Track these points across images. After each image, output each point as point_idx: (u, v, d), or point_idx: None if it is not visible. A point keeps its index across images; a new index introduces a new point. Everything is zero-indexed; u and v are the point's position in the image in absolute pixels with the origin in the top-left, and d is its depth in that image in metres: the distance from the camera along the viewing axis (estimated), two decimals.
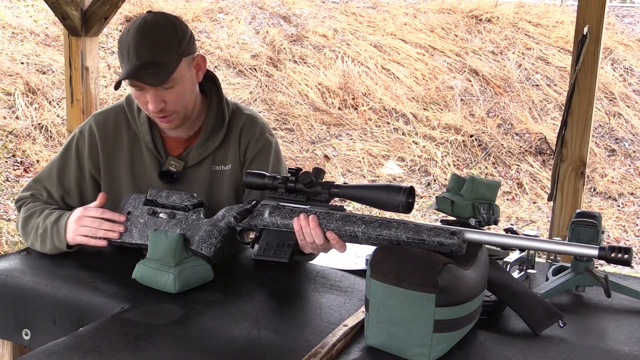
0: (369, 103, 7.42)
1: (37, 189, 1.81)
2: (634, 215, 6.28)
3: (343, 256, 1.82)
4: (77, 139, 1.80)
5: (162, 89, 1.61)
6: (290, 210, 1.46)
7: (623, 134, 7.60)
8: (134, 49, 1.57)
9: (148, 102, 1.61)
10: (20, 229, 1.78)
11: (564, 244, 1.24)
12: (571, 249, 1.22)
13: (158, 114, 1.64)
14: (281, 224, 1.47)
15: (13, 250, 4.26)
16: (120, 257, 1.75)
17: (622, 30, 9.33)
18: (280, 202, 1.49)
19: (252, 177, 1.51)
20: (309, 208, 1.45)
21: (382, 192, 1.35)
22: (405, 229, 1.32)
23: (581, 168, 2.65)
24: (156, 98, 1.60)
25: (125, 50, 1.59)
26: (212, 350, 1.25)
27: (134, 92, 1.64)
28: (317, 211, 1.43)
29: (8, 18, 7.12)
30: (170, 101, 1.63)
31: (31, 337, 1.57)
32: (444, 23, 8.94)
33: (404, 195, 1.33)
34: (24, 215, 1.77)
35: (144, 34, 1.58)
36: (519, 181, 6.74)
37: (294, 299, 1.50)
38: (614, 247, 1.16)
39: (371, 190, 1.38)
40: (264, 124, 1.84)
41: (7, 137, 5.69)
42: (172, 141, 1.77)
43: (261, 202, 1.50)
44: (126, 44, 1.59)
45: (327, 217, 1.41)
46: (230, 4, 8.50)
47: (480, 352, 1.27)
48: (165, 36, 1.60)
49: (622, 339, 1.34)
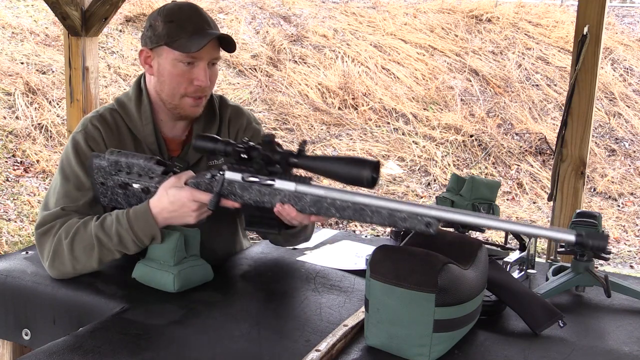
0: (369, 103, 7.42)
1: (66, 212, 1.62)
2: (634, 215, 6.28)
3: (343, 256, 1.82)
4: (75, 149, 1.68)
5: (210, 64, 1.66)
6: (258, 192, 1.41)
7: (623, 134, 7.60)
8: (205, 20, 1.64)
9: (195, 79, 1.63)
10: (69, 254, 1.56)
11: (540, 227, 1.20)
12: (547, 232, 1.18)
13: (202, 92, 1.67)
14: (255, 202, 1.43)
15: (13, 250, 4.26)
16: (120, 258, 1.74)
17: (622, 30, 9.33)
18: (244, 173, 1.43)
19: (202, 141, 1.45)
20: (276, 185, 1.39)
21: (346, 166, 1.28)
22: (380, 217, 1.28)
23: (581, 168, 2.65)
24: (207, 72, 1.65)
25: (190, 23, 1.62)
26: (212, 350, 1.25)
27: (180, 67, 1.63)
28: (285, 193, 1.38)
29: (8, 18, 7.12)
30: (212, 80, 1.68)
31: (31, 337, 1.57)
32: (444, 23, 8.94)
33: (369, 170, 1.26)
34: (67, 240, 1.56)
35: (202, 12, 1.66)
36: (519, 181, 6.74)
37: (294, 299, 1.50)
38: (591, 233, 1.13)
39: (334, 163, 1.30)
40: (249, 114, 1.87)
41: (7, 137, 5.69)
42: (171, 142, 1.77)
43: (226, 178, 1.44)
44: (188, 17, 1.63)
45: (298, 200, 1.37)
46: (230, 4, 8.50)
47: (480, 352, 1.27)
48: (212, 19, 1.69)
49: (622, 339, 1.34)
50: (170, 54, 1.62)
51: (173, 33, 1.61)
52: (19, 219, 4.85)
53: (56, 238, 1.57)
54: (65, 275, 1.59)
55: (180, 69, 1.63)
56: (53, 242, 1.57)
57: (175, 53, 1.61)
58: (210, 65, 1.66)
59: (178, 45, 1.60)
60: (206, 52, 1.62)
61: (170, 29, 1.62)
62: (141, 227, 1.52)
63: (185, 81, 1.64)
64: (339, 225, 5.64)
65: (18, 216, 4.88)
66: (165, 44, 1.62)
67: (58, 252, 1.57)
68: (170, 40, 1.61)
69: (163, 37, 1.62)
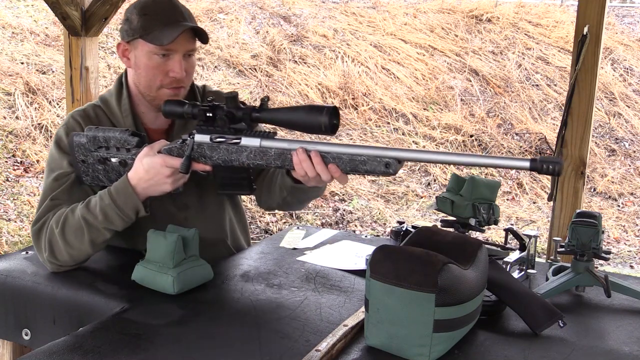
0: (369, 103, 7.42)
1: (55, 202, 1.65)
2: (634, 215, 6.28)
3: (343, 256, 1.82)
4: (58, 142, 1.73)
5: (186, 56, 1.68)
6: (226, 151, 1.47)
7: (623, 134, 7.60)
8: (179, 12, 1.66)
9: (171, 71, 1.66)
10: (62, 242, 1.58)
11: (495, 157, 1.27)
12: (502, 161, 1.29)
13: (178, 83, 1.69)
14: (224, 161, 1.48)
15: (13, 250, 4.26)
16: (120, 258, 1.75)
17: (622, 30, 9.33)
18: (212, 135, 1.48)
19: (171, 106, 1.52)
20: (242, 142, 1.45)
21: (304, 114, 1.36)
22: (341, 162, 1.36)
23: (581, 168, 2.65)
24: (182, 64, 1.67)
25: (163, 15, 1.64)
26: (212, 350, 1.25)
27: (155, 60, 1.66)
28: (251, 149, 1.44)
29: (8, 18, 7.11)
30: (189, 72, 1.71)
31: (31, 337, 1.57)
32: (444, 23, 8.94)
33: (326, 116, 1.33)
34: (58, 229, 1.59)
35: (176, 3, 1.69)
36: (519, 181, 6.74)
37: (294, 299, 1.50)
38: (544, 158, 1.18)
39: (294, 112, 1.39)
40: None
41: (7, 137, 5.69)
42: (154, 133, 1.79)
43: (196, 140, 1.49)
44: (162, 10, 1.65)
45: (264, 155, 1.43)
46: (230, 4, 8.50)
47: (480, 352, 1.27)
48: (188, 10, 1.72)
49: (622, 339, 1.34)
50: (145, 46, 1.66)
51: (147, 26, 1.64)
52: (19, 219, 4.85)
53: (49, 230, 1.60)
54: (64, 266, 1.62)
55: (156, 61, 1.66)
56: (47, 234, 1.60)
57: (150, 46, 1.65)
58: (186, 56, 1.69)
59: (152, 38, 1.63)
60: (180, 44, 1.65)
61: (144, 21, 1.65)
62: (123, 200, 1.55)
63: (161, 73, 1.67)
64: (339, 226, 5.64)
65: (18, 216, 4.88)
66: (140, 36, 1.66)
67: (52, 242, 1.60)
68: (145, 33, 1.65)
69: (138, 30, 1.66)
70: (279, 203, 1.77)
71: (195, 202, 1.79)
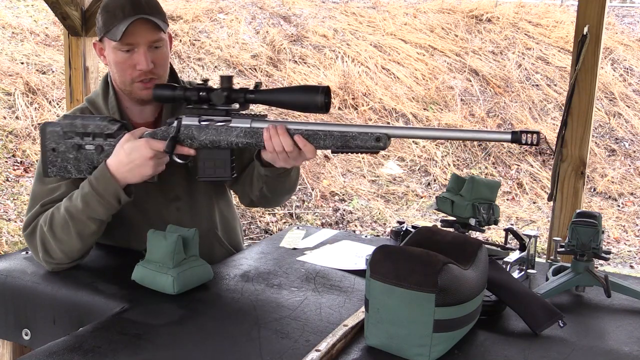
0: (369, 103, 7.41)
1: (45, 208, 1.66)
2: (634, 215, 6.28)
3: (343, 256, 1.82)
4: None
5: (152, 48, 1.67)
6: (215, 131, 1.49)
7: (623, 134, 7.60)
8: (136, 5, 1.63)
9: (137, 64, 1.65)
10: (52, 239, 1.60)
11: (476, 131, 1.34)
12: (485, 135, 1.39)
13: (145, 76, 1.67)
14: (211, 141, 1.49)
15: (13, 250, 4.26)
16: (120, 258, 1.75)
17: (622, 30, 9.33)
18: (202, 118, 1.50)
19: (160, 90, 1.54)
20: (232, 123, 1.48)
21: (299, 94, 1.41)
22: (332, 139, 1.42)
23: (581, 168, 2.65)
24: (148, 56, 1.66)
25: (120, 10, 1.63)
26: (212, 350, 1.25)
27: (120, 55, 1.66)
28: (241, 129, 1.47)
29: (8, 18, 7.12)
30: (157, 63, 1.68)
31: (31, 337, 1.57)
32: (444, 23, 8.94)
33: (322, 95, 1.39)
34: (47, 227, 1.60)
35: None
36: (519, 181, 6.74)
37: (294, 299, 1.50)
38: (524, 130, 1.27)
39: (288, 93, 1.43)
40: None
41: (7, 137, 5.69)
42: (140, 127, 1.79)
43: (183, 123, 1.51)
44: (120, 5, 1.63)
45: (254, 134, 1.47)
46: (230, 4, 8.50)
47: (480, 352, 1.27)
48: (155, 1, 1.70)
49: (622, 339, 1.34)
50: (110, 43, 1.67)
51: (108, 22, 1.65)
52: (19, 219, 4.85)
53: (39, 231, 1.61)
54: (61, 263, 1.62)
55: (121, 56, 1.67)
56: (38, 235, 1.61)
57: (112, 42, 1.65)
58: (152, 48, 1.67)
59: (111, 34, 1.64)
60: (140, 36, 1.65)
61: (105, 19, 1.66)
62: (102, 187, 1.55)
63: (129, 67, 1.68)
64: (339, 226, 5.64)
65: (18, 216, 4.88)
66: (104, 34, 1.67)
67: (45, 241, 1.61)
68: (107, 30, 1.65)
69: (101, 29, 1.68)
70: (257, 195, 1.77)
71: (185, 193, 1.80)
